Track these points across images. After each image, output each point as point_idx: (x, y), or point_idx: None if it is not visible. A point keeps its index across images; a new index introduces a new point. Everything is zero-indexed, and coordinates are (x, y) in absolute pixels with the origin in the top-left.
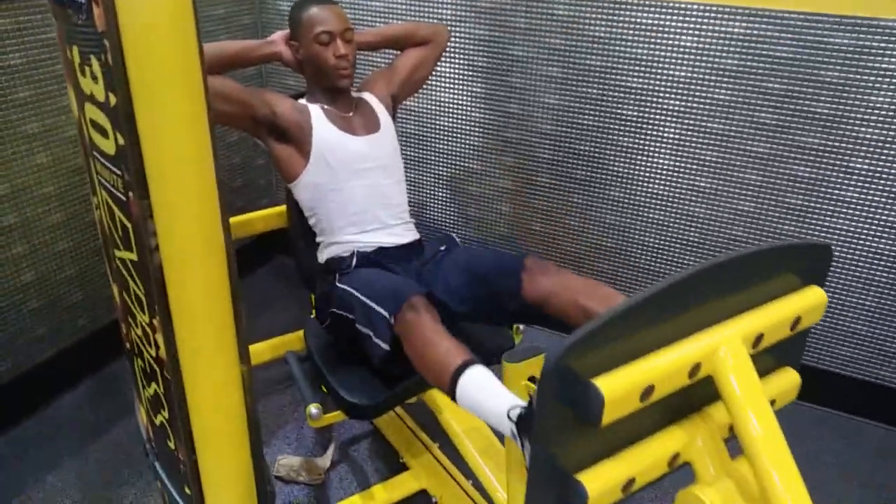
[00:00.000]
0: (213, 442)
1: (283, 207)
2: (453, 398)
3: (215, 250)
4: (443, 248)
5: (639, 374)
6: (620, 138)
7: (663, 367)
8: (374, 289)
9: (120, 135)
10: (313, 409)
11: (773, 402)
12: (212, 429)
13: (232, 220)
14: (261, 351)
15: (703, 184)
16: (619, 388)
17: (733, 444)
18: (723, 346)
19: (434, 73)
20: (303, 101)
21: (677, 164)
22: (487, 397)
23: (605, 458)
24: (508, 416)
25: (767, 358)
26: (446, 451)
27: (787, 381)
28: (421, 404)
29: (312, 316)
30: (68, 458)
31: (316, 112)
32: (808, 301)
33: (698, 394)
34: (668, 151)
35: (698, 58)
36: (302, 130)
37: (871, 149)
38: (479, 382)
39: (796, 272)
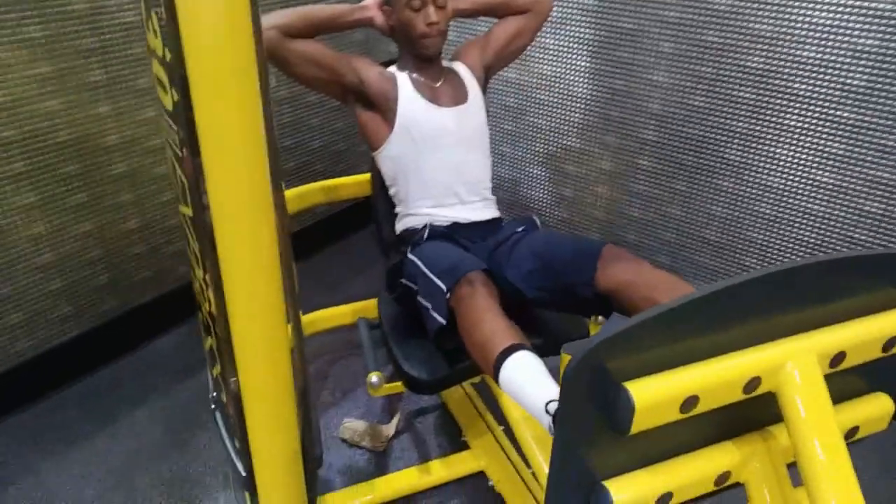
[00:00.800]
0: (259, 401)
1: (367, 175)
2: (496, 381)
3: (264, 213)
4: (521, 229)
5: (680, 383)
6: (734, 123)
7: (712, 376)
8: (437, 262)
9: (175, 91)
10: (374, 377)
11: (856, 430)
12: (258, 388)
13: (318, 184)
14: (340, 314)
15: (825, 179)
16: (653, 395)
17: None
18: (790, 361)
19: (535, 43)
20: (393, 68)
21: (798, 155)
22: (529, 385)
23: (640, 467)
24: (546, 410)
25: (853, 380)
26: (510, 437)
27: (876, 407)
28: (486, 384)
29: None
30: (156, 397)
31: (403, 81)
32: None
33: (763, 412)
34: (789, 141)
35: (831, 37)
36: (387, 100)
37: None
38: (523, 368)
39: (891, 284)
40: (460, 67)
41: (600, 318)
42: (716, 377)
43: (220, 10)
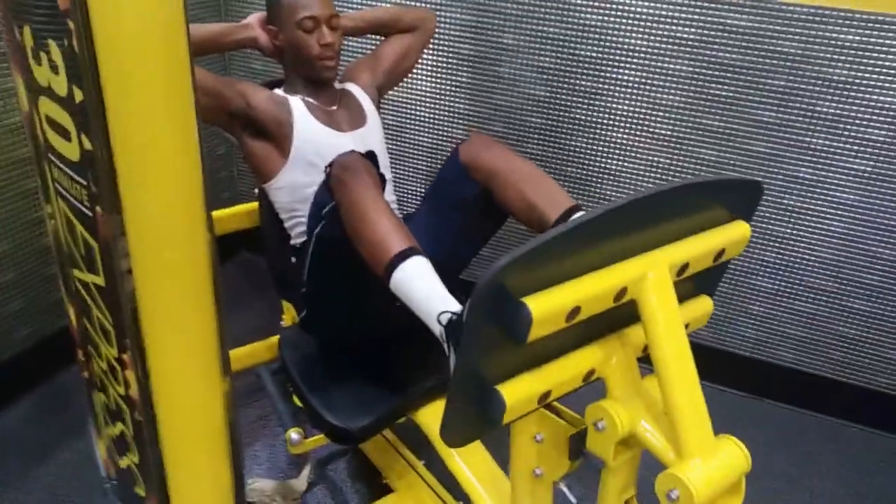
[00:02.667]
0: (193, 493)
1: (254, 205)
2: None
3: (200, 274)
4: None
5: (567, 296)
6: (613, 134)
7: (591, 290)
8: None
9: (86, 137)
10: (294, 434)
11: (687, 326)
12: (191, 478)
13: None
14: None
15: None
16: (547, 308)
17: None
18: (649, 273)
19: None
20: (280, 91)
21: (672, 161)
22: (422, 293)
23: (526, 371)
24: (438, 320)
25: (687, 285)
26: (433, 471)
27: (702, 307)
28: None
29: (285, 324)
30: (12, 488)
31: (297, 105)
32: (733, 234)
33: (620, 315)
34: (664, 147)
35: (697, 51)
36: (281, 125)
37: (874, 149)
38: (416, 275)
39: (726, 206)
40: (354, 89)
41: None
42: (594, 289)
43: (150, 39)
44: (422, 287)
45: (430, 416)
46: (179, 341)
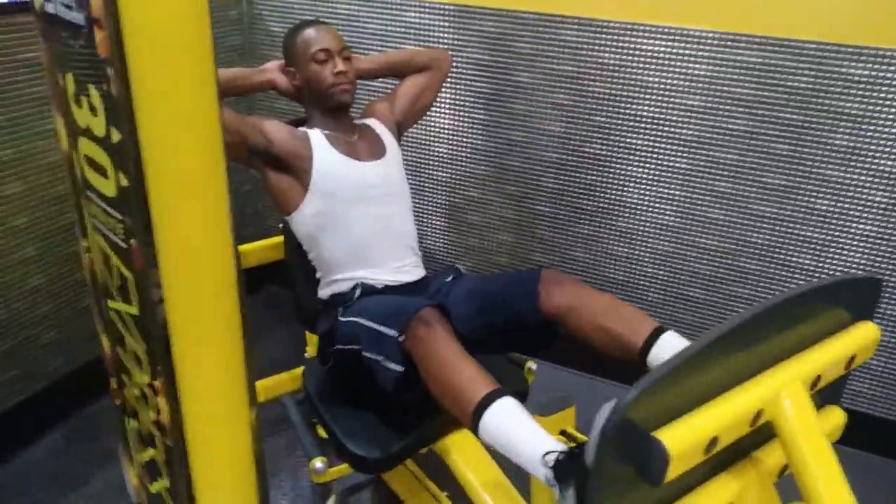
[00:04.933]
0: None
1: (279, 238)
2: (475, 432)
3: (227, 304)
4: (450, 278)
5: (702, 426)
6: (629, 168)
7: (727, 416)
8: (381, 311)
9: (123, 175)
10: (318, 463)
11: None
12: (220, 499)
13: None
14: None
15: (715, 215)
16: (683, 442)
17: (783, 486)
18: (783, 390)
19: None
20: (303, 128)
21: (689, 194)
22: (519, 436)
23: None
24: (545, 461)
25: (817, 398)
26: (457, 503)
27: (835, 419)
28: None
29: (309, 355)
30: None
31: (317, 137)
32: (861, 337)
33: (749, 438)
34: (679, 181)
35: (711, 86)
36: (300, 158)
37: (890, 181)
38: (508, 418)
39: (846, 308)
40: (373, 122)
41: (533, 366)
42: (729, 415)
43: (183, 84)
44: (517, 429)
45: (452, 448)
46: (208, 368)
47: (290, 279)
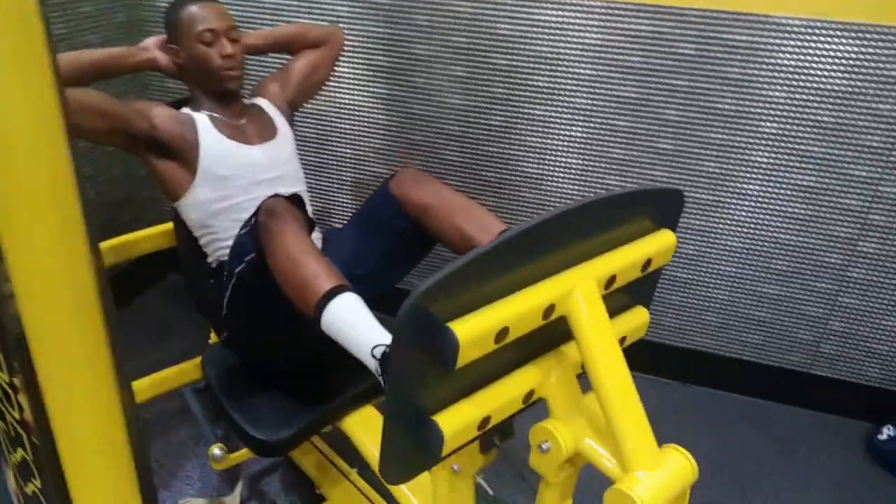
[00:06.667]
0: None
1: (171, 225)
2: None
3: (85, 290)
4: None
5: (493, 317)
6: (528, 138)
7: (518, 309)
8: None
9: None
10: (216, 450)
11: (623, 339)
12: (97, 497)
13: (114, 241)
14: (156, 383)
15: (610, 180)
16: (473, 331)
17: (585, 379)
18: (576, 288)
19: (332, 73)
20: (186, 109)
21: (586, 162)
22: (354, 330)
23: (462, 398)
24: (373, 354)
25: (620, 297)
26: (366, 476)
27: (638, 318)
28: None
29: (212, 341)
30: None
31: (202, 121)
32: (659, 244)
33: (555, 333)
34: (577, 150)
35: (602, 55)
36: (186, 143)
37: (769, 142)
38: (347, 312)
39: (650, 216)
40: (263, 103)
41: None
42: (521, 308)
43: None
44: (353, 322)
45: (356, 424)
46: (70, 361)
47: (182, 266)
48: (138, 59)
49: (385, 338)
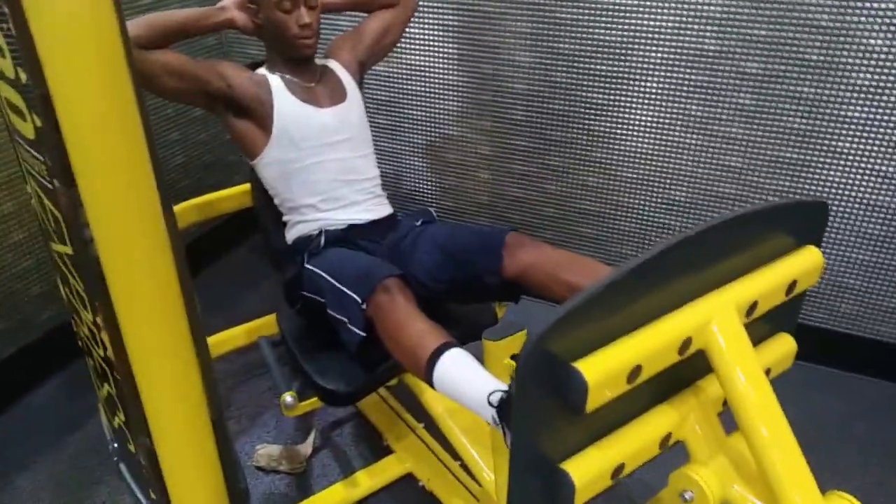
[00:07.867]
0: (174, 444)
1: (248, 186)
2: (431, 385)
3: (157, 238)
4: (419, 223)
5: (624, 355)
6: (595, 95)
7: (650, 344)
8: (346, 272)
9: (36, 116)
10: (288, 397)
11: (767, 372)
12: (171, 430)
13: (196, 201)
14: (236, 336)
15: (689, 139)
16: (603, 371)
17: (728, 417)
18: (714, 318)
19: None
20: (262, 70)
21: (659, 119)
22: (466, 382)
23: (592, 444)
24: (489, 402)
25: (761, 325)
26: (432, 432)
27: (783, 348)
28: (403, 384)
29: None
30: (41, 457)
31: (276, 83)
32: (803, 263)
33: (690, 367)
34: (650, 106)
35: (679, 4)
36: (261, 104)
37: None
38: (456, 366)
39: (791, 232)
40: (334, 65)
41: (503, 302)
42: (654, 344)
43: (82, 19)
44: (464, 375)
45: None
46: (146, 302)
47: (260, 224)
48: (218, 20)
49: (497, 385)
